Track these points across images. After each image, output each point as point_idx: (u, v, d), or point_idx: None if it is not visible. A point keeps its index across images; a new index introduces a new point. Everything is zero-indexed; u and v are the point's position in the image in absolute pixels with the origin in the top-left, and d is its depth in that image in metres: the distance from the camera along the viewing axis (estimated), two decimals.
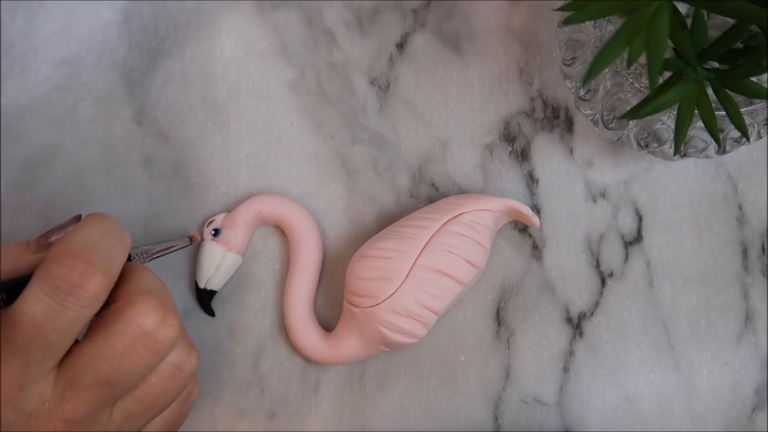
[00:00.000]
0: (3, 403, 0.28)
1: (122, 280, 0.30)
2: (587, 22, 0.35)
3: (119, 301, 0.29)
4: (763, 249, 0.40)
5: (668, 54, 0.32)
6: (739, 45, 0.29)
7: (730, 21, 0.30)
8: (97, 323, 0.29)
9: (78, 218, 0.32)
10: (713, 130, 0.31)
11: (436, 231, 0.37)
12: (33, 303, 0.27)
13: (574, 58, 0.36)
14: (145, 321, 0.29)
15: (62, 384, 0.29)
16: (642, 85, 0.34)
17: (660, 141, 0.36)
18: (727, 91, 0.30)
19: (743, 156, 0.40)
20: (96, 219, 0.31)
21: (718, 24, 0.31)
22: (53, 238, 0.31)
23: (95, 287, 0.28)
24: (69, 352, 0.29)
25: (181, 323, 0.30)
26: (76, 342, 0.29)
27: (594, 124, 0.37)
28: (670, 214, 0.40)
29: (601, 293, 0.40)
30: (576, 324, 0.40)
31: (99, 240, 0.29)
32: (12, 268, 0.30)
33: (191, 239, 0.38)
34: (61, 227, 0.32)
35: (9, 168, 0.41)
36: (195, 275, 0.40)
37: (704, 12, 0.29)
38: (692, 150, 0.36)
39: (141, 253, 0.35)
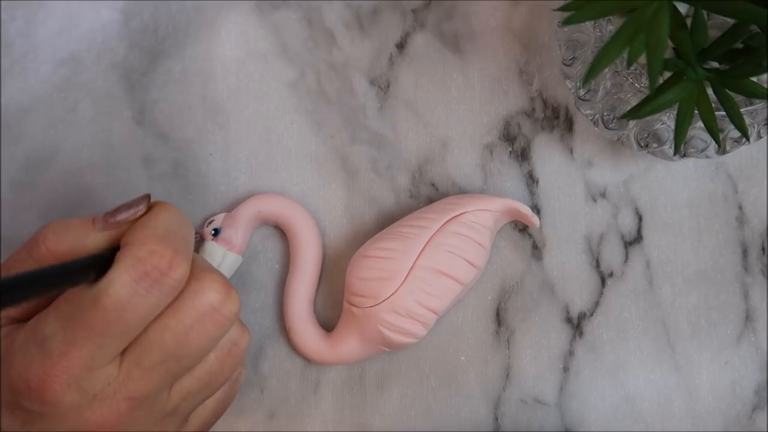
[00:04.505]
0: (68, 385, 0.27)
1: None
2: (587, 22, 0.35)
3: None
4: (763, 249, 0.40)
5: (668, 54, 0.32)
6: (739, 45, 0.29)
7: (730, 21, 0.30)
8: None
9: (147, 198, 0.30)
10: (713, 130, 0.31)
11: (436, 231, 0.37)
12: (119, 287, 0.27)
13: (574, 58, 0.36)
14: (214, 296, 0.29)
15: (129, 362, 0.28)
16: (642, 85, 0.34)
17: (660, 141, 0.36)
18: (727, 91, 0.30)
19: (743, 156, 0.40)
20: (169, 206, 0.30)
21: (718, 24, 0.31)
22: (121, 217, 0.30)
23: (179, 276, 0.28)
24: None
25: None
26: None
27: (594, 124, 0.37)
28: (670, 214, 0.40)
29: (601, 293, 0.40)
30: (576, 324, 0.40)
31: (178, 228, 0.29)
32: (77, 245, 0.29)
33: (200, 235, 0.39)
34: (130, 206, 0.30)
35: (9, 168, 0.41)
36: None
37: (704, 12, 0.29)
38: (692, 150, 0.36)
39: None
